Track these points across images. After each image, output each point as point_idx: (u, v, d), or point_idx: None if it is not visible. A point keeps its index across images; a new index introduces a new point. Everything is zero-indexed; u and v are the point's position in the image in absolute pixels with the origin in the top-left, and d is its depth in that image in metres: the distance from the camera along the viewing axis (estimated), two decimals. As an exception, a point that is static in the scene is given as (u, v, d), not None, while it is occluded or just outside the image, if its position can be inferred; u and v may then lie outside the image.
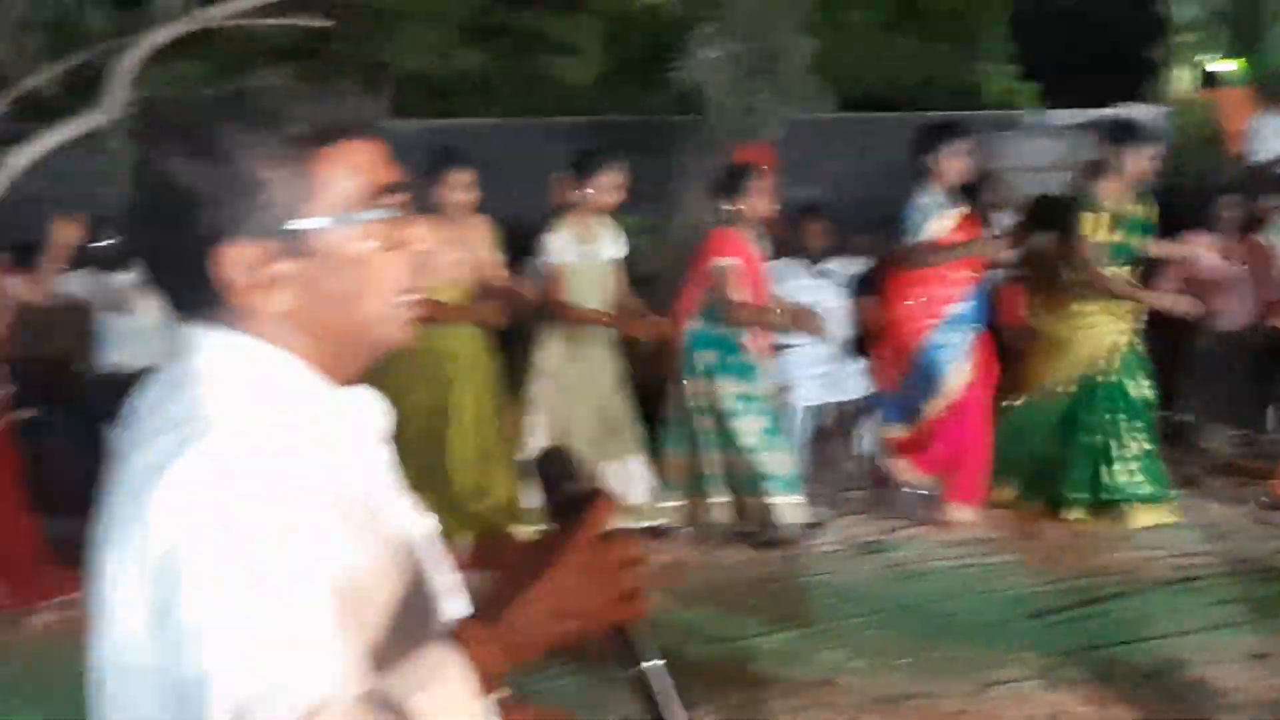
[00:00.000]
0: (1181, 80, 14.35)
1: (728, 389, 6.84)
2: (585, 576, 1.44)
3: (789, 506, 6.85)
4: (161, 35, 8.89)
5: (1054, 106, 13.64)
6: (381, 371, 1.63)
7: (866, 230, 8.80)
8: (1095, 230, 7.05)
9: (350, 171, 1.51)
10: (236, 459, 1.39)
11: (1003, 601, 6.11)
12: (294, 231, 1.49)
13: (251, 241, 1.47)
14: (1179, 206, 9.20)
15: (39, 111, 8.92)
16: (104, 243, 8.38)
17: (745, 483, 6.84)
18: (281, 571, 1.36)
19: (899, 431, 7.31)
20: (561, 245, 6.69)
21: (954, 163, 6.98)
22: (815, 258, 8.50)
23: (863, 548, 6.92)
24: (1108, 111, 13.19)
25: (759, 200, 6.84)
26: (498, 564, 1.54)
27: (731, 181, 6.92)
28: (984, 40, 14.30)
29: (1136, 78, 14.68)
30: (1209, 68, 14.59)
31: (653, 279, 9.99)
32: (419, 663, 1.40)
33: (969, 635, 5.67)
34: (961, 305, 7.14)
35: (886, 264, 7.53)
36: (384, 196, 1.54)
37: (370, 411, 1.60)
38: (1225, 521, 7.18)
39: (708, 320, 6.89)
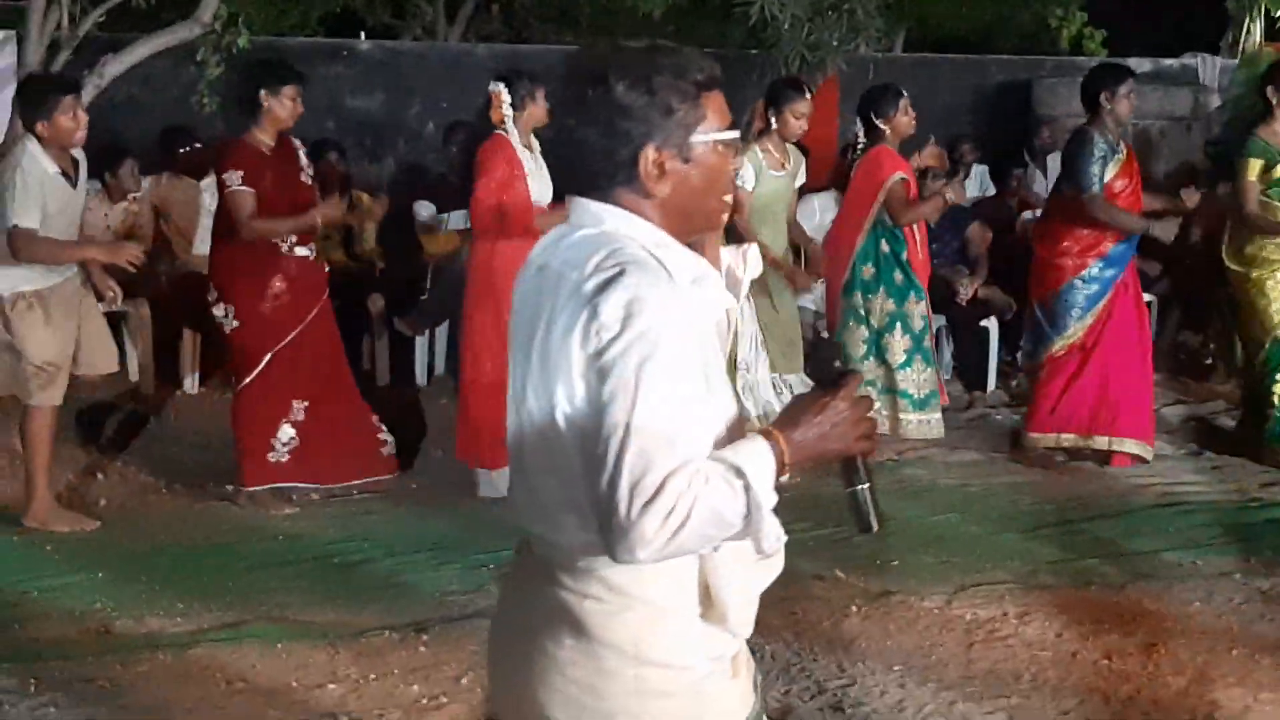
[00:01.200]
0: (1253, 33, 14.47)
1: (885, 305, 7.38)
2: (844, 418, 2.24)
3: (918, 423, 7.41)
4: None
5: (1124, 55, 13.77)
6: None
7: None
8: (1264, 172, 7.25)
9: (717, 110, 2.28)
10: (654, 284, 2.13)
11: (996, 518, 6.57)
12: (686, 143, 2.25)
13: (660, 146, 2.23)
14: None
15: (134, 21, 9.45)
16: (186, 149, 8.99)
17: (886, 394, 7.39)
18: (679, 358, 2.10)
19: (1027, 363, 7.71)
20: (753, 171, 7.05)
21: (1125, 103, 7.10)
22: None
23: (877, 466, 7.33)
24: (1175, 61, 13.41)
25: (905, 118, 7.30)
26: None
27: (882, 101, 7.31)
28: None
29: (1207, 28, 14.83)
30: (1283, 20, 14.71)
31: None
32: (745, 444, 2.16)
33: (958, 545, 6.15)
34: (1117, 248, 7.20)
35: (1053, 204, 7.58)
36: (730, 129, 2.31)
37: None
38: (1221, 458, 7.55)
39: (871, 237, 7.38)
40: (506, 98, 6.60)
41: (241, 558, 5.95)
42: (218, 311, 6.60)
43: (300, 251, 6.63)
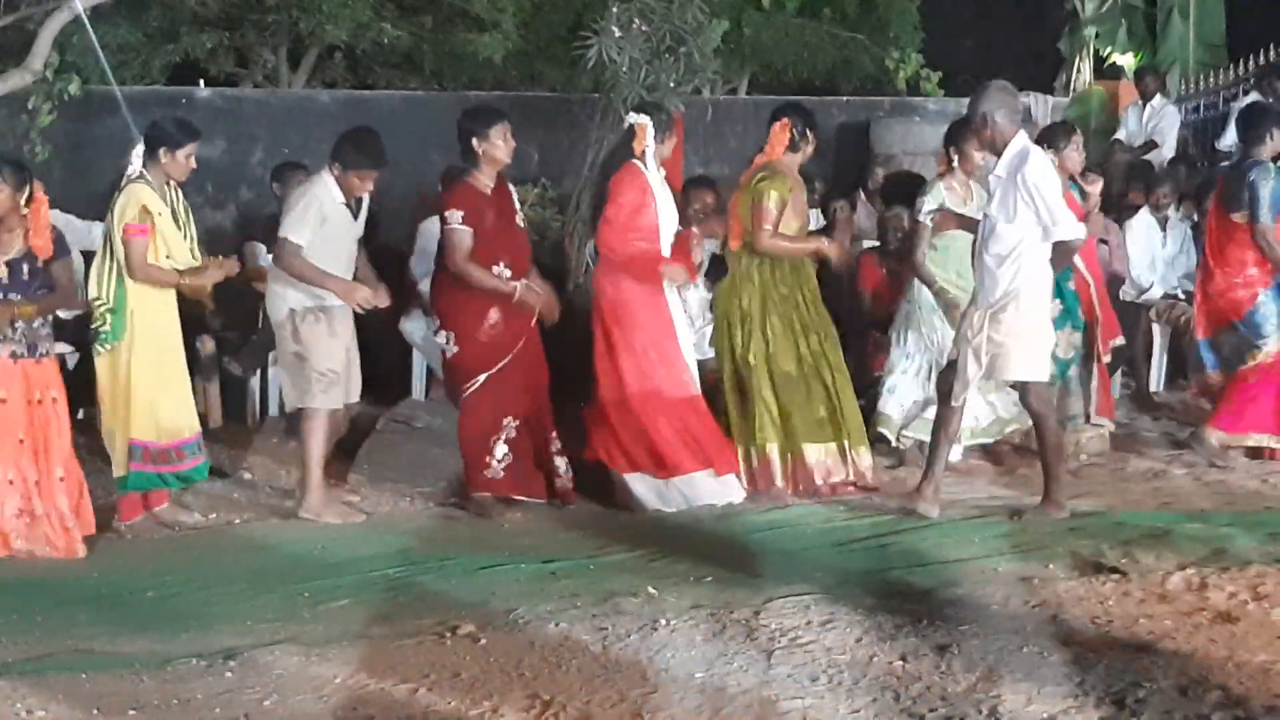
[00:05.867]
0: (1083, 73, 14.98)
1: None
2: None
3: None
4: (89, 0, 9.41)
5: (961, 95, 14.15)
6: None
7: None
8: None
9: None
10: None
11: (812, 534, 6.77)
12: None
13: None
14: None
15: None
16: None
17: None
18: None
19: (1218, 378, 8.24)
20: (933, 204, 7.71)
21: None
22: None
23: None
24: (1008, 100, 13.80)
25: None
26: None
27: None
28: (895, 28, 14.81)
29: (1042, 69, 15.32)
30: (1117, 60, 15.23)
31: (559, 247, 10.59)
32: None
33: (772, 560, 6.32)
34: None
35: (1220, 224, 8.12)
36: None
37: None
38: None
39: None
40: (651, 130, 7.17)
41: (51, 593, 5.92)
42: (439, 339, 7.32)
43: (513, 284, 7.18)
